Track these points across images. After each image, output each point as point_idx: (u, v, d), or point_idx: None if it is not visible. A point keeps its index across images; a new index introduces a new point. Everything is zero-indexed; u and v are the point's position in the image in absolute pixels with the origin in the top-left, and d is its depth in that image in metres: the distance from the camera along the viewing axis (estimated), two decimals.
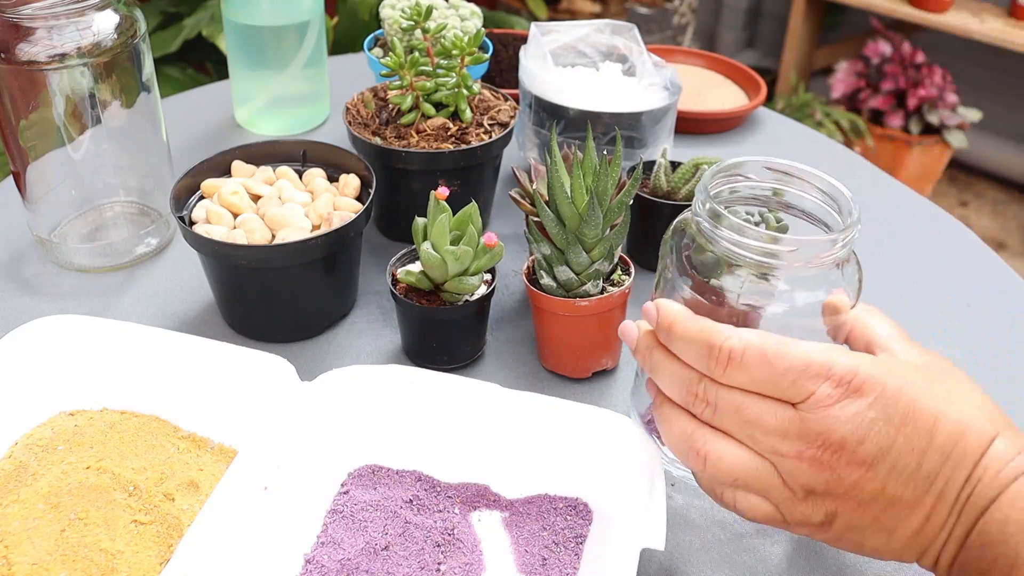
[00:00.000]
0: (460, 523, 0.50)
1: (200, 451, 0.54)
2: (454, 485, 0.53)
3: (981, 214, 2.55)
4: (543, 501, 0.52)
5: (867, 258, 0.78)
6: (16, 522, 0.47)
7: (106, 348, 0.57)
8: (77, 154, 0.70)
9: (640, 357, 0.46)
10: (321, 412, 0.52)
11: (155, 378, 0.56)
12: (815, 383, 0.39)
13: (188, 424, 0.56)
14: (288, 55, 0.88)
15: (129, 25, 0.67)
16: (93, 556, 0.46)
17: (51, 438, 0.53)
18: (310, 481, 0.51)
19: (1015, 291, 0.76)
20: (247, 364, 0.55)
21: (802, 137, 1.01)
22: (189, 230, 0.60)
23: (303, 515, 0.50)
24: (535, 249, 0.60)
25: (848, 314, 0.47)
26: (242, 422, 0.54)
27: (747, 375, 0.40)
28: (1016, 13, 2.24)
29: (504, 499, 0.52)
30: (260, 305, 0.64)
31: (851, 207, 0.47)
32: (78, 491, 0.49)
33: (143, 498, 0.50)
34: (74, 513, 0.48)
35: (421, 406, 0.53)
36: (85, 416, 0.56)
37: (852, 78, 2.42)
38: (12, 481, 0.50)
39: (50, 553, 0.46)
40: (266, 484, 0.48)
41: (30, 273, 0.72)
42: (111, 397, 0.57)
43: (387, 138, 0.71)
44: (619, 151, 0.58)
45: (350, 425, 0.53)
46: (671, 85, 0.81)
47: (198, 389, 0.56)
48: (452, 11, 0.84)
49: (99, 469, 0.51)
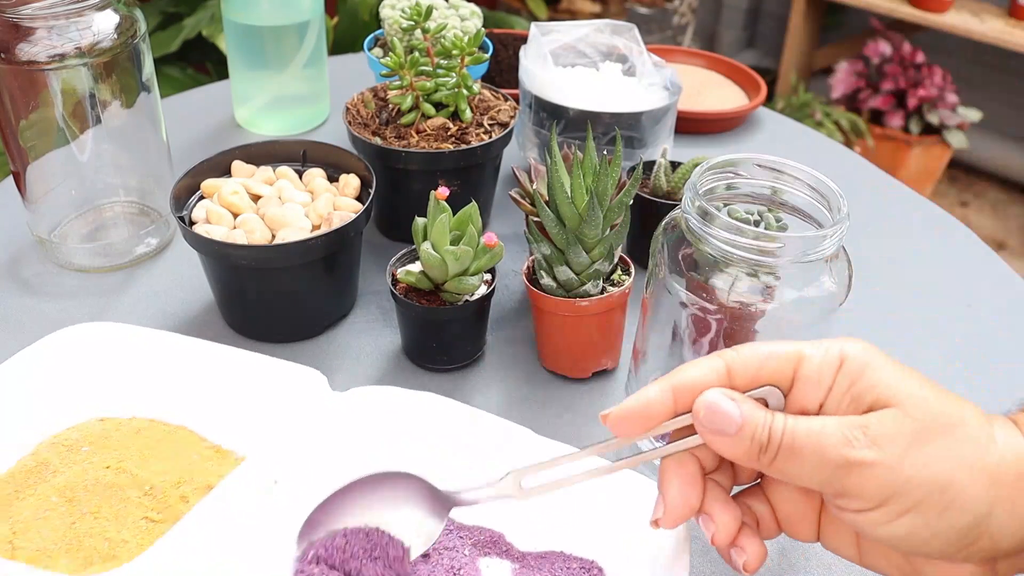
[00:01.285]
0: (468, 565, 0.48)
1: (223, 461, 0.54)
2: (467, 526, 0.50)
3: (981, 214, 2.55)
4: (556, 559, 0.49)
5: (867, 258, 0.78)
6: (28, 512, 0.48)
7: (140, 356, 0.57)
8: (77, 154, 0.70)
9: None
10: (345, 424, 0.51)
11: (187, 389, 0.56)
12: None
13: (215, 436, 0.55)
14: (288, 55, 0.88)
15: (129, 25, 0.67)
16: (96, 544, 0.47)
17: (77, 439, 0.54)
18: (320, 491, 0.50)
19: (1015, 291, 0.76)
20: (279, 376, 0.54)
21: (802, 137, 1.01)
22: (189, 230, 0.60)
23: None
24: (535, 249, 0.60)
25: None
26: (270, 435, 0.53)
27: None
28: (1016, 13, 2.24)
29: (517, 550, 0.50)
30: (260, 305, 0.64)
31: (840, 203, 0.48)
32: (94, 488, 0.50)
33: (158, 498, 0.50)
34: (87, 508, 0.49)
35: (449, 438, 0.51)
36: (114, 422, 0.56)
37: (852, 78, 2.42)
38: (32, 476, 0.51)
39: (56, 542, 0.47)
40: (276, 479, 0.47)
41: (30, 273, 0.72)
42: (142, 406, 0.57)
43: (387, 138, 0.71)
44: (619, 151, 0.58)
45: (372, 443, 0.52)
46: (671, 85, 0.81)
47: (228, 401, 0.55)
48: (452, 11, 0.84)
49: (118, 469, 0.51)
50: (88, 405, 0.56)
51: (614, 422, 0.40)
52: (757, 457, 0.37)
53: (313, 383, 0.53)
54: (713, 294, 0.49)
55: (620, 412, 0.39)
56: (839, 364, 0.38)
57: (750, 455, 0.37)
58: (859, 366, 0.37)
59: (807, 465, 0.37)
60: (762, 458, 0.37)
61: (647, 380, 0.57)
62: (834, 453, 0.36)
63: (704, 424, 0.38)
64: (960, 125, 2.33)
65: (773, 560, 0.51)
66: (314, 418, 0.50)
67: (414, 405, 0.52)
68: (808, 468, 0.37)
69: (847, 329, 0.68)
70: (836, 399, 0.38)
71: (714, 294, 0.49)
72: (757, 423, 0.37)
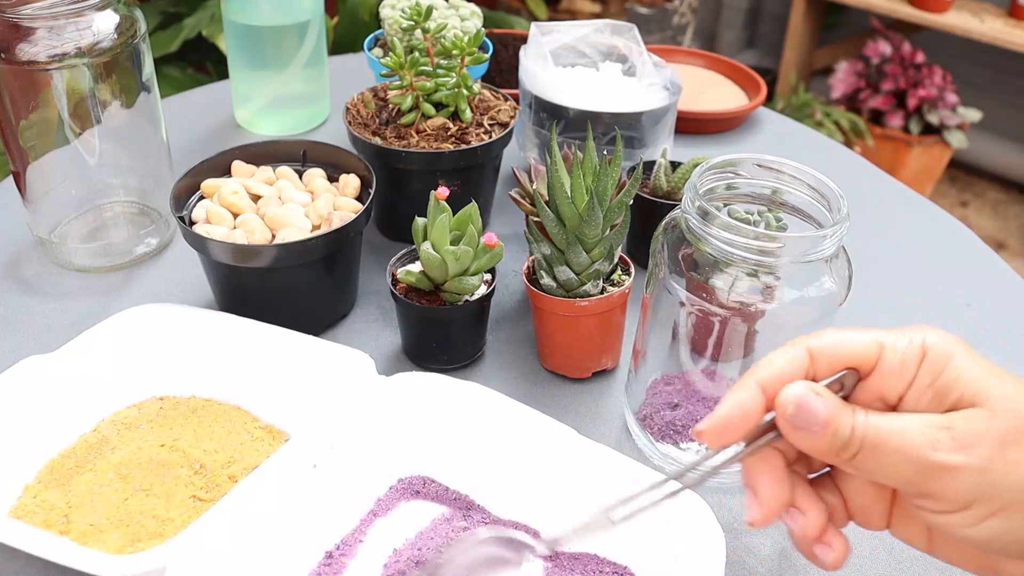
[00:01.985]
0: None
1: (274, 441, 0.55)
2: (504, 521, 0.51)
3: (981, 214, 2.55)
4: (589, 561, 0.49)
5: (867, 258, 0.78)
6: (84, 487, 0.51)
7: (199, 337, 0.59)
8: (77, 154, 0.70)
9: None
10: (389, 409, 0.52)
11: (242, 368, 0.58)
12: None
13: (268, 416, 0.57)
14: (288, 55, 0.88)
15: (129, 25, 0.67)
16: (145, 521, 0.49)
17: (136, 417, 0.57)
18: (360, 474, 0.51)
19: (1015, 291, 0.76)
20: (329, 357, 0.56)
21: (802, 137, 1.01)
22: (189, 230, 0.60)
23: (344, 505, 0.50)
24: (535, 249, 0.60)
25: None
26: (319, 415, 0.54)
27: None
28: (1016, 13, 2.24)
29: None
30: (260, 305, 0.64)
31: (840, 203, 0.48)
32: (148, 465, 0.52)
33: (208, 477, 0.52)
34: (139, 484, 0.51)
35: (490, 430, 0.51)
36: (172, 401, 0.58)
37: (852, 78, 2.42)
38: (92, 452, 0.54)
39: (108, 517, 0.49)
40: (316, 462, 0.49)
41: (30, 273, 0.72)
42: (200, 385, 0.59)
43: (387, 138, 0.71)
44: (619, 151, 0.58)
45: (413, 430, 0.52)
46: (671, 85, 0.81)
47: (281, 381, 0.57)
48: (452, 11, 0.84)
49: (172, 448, 0.54)
50: (149, 384, 0.58)
51: (713, 434, 0.38)
52: (837, 454, 0.36)
53: (361, 365, 0.54)
54: (713, 294, 0.49)
55: (717, 422, 0.37)
56: (921, 356, 0.37)
57: (831, 451, 0.36)
58: (942, 359, 0.36)
59: (889, 465, 0.36)
60: (842, 455, 0.36)
61: (647, 380, 0.57)
62: (918, 455, 0.35)
63: (790, 420, 0.36)
64: (960, 125, 2.33)
65: (773, 560, 0.51)
66: (359, 401, 0.52)
67: (459, 393, 0.52)
68: (890, 468, 0.36)
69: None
70: (917, 392, 0.36)
71: (714, 294, 0.49)
72: (841, 420, 0.36)
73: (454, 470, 0.52)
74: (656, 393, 0.57)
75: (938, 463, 0.35)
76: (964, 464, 0.34)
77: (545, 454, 0.50)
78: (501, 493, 0.51)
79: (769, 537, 0.53)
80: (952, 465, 0.34)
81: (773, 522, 0.38)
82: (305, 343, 0.57)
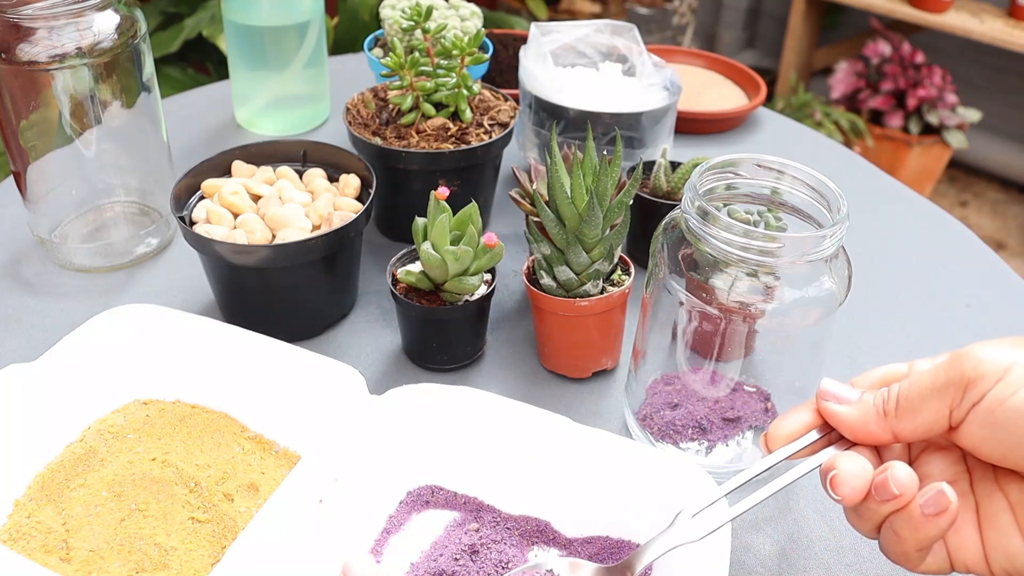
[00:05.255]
0: (516, 558, 0.49)
1: (264, 454, 0.54)
2: (514, 517, 0.51)
3: (981, 214, 2.55)
4: (602, 542, 0.50)
5: (867, 258, 0.78)
6: (79, 507, 0.49)
7: (183, 340, 0.58)
8: (78, 154, 0.70)
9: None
10: (387, 427, 0.51)
11: (229, 375, 0.57)
12: None
13: (256, 425, 0.56)
14: (288, 55, 0.88)
15: (129, 25, 0.67)
16: (147, 549, 0.47)
17: (123, 426, 0.55)
18: (368, 496, 0.50)
19: (1015, 291, 0.76)
20: (319, 371, 0.54)
21: (802, 137, 1.01)
22: (189, 230, 0.60)
23: (357, 530, 0.49)
24: (535, 249, 0.60)
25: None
26: (309, 429, 0.54)
27: None
28: (1016, 13, 2.24)
29: (563, 537, 0.50)
30: (260, 305, 0.64)
31: (840, 203, 0.48)
32: (141, 482, 0.51)
33: (203, 496, 0.51)
34: (135, 504, 0.49)
35: (488, 431, 0.52)
36: (157, 407, 0.57)
37: (852, 78, 2.42)
38: (81, 465, 0.52)
39: (107, 541, 0.47)
40: (322, 497, 0.47)
41: (30, 273, 0.72)
42: (185, 389, 0.58)
43: (387, 138, 0.71)
44: (619, 151, 0.58)
45: (414, 442, 0.52)
46: (671, 85, 0.81)
47: (269, 391, 0.56)
48: (452, 11, 0.84)
49: (164, 462, 0.52)
50: (131, 386, 0.57)
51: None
52: (884, 418, 0.40)
53: (351, 383, 0.53)
54: (713, 294, 0.49)
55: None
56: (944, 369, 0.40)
57: (877, 419, 0.40)
58: (957, 358, 0.39)
59: (926, 402, 0.38)
60: (889, 419, 0.40)
61: (647, 380, 0.57)
62: (934, 378, 0.38)
63: (824, 396, 0.42)
64: (960, 125, 2.33)
65: (773, 560, 0.51)
66: (355, 424, 0.50)
67: (453, 400, 0.52)
68: (930, 405, 0.38)
69: (847, 329, 0.68)
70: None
71: (714, 294, 0.49)
72: (872, 392, 0.41)
73: (460, 475, 0.52)
74: (656, 393, 0.57)
75: (952, 366, 0.38)
76: (971, 347, 0.38)
77: (544, 446, 0.51)
78: (509, 490, 0.52)
79: (769, 537, 0.53)
80: (962, 351, 0.38)
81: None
82: (290, 353, 0.55)
